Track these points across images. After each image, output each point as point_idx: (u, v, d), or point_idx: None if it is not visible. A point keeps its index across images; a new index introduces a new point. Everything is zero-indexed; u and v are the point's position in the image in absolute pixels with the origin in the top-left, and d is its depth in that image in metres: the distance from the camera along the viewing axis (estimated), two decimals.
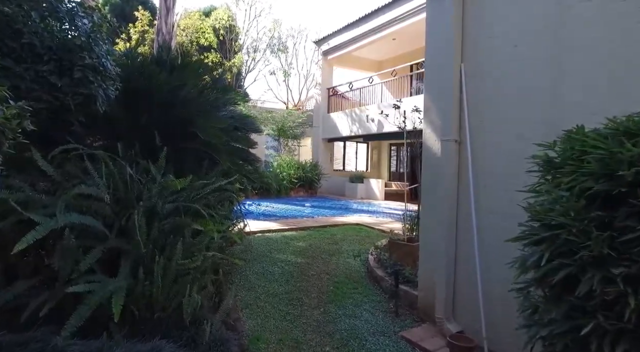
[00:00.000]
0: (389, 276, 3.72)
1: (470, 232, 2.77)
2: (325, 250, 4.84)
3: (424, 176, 3.28)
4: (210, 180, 3.63)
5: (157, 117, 4.05)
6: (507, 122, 2.59)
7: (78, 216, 2.42)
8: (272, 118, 14.01)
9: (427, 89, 3.27)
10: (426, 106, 3.24)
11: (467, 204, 2.84)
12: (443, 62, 3.03)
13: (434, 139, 3.16)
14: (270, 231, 5.73)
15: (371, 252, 4.37)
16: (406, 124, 4.04)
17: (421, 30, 12.58)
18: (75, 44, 2.57)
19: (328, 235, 5.70)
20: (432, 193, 3.17)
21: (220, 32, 15.42)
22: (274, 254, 4.52)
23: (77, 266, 2.37)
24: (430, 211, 3.20)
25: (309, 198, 12.20)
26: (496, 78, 2.69)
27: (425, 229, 3.26)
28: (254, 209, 8.61)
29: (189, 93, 4.26)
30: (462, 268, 2.90)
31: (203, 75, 4.29)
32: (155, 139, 3.76)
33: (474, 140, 2.82)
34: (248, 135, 5.00)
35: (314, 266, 4.21)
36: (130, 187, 2.91)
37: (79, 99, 2.65)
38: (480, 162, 2.78)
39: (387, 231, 6.06)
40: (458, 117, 2.94)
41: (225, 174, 4.30)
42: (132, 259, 2.67)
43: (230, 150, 4.27)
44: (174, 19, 13.03)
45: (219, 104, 4.55)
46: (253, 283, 3.65)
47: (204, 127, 3.82)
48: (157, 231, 2.84)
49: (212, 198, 3.57)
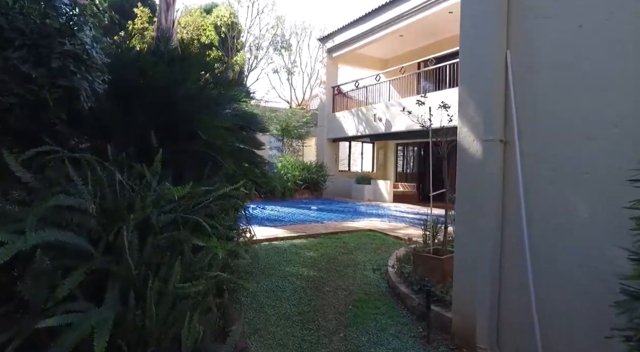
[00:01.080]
0: (415, 293, 3.29)
1: (521, 248, 2.34)
2: (339, 261, 4.41)
3: (460, 181, 2.85)
4: (214, 186, 3.22)
5: (155, 115, 3.63)
6: (570, 120, 2.16)
7: (54, 233, 2.01)
8: (276, 117, 13.59)
9: (463, 81, 2.84)
10: (462, 101, 2.81)
11: (515, 214, 2.41)
12: (483, 49, 2.60)
13: (471, 138, 2.73)
14: (278, 239, 5.31)
15: (393, 266, 3.94)
16: (432, 121, 3.61)
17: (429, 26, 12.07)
18: (53, 28, 2.16)
19: (340, 243, 5.27)
20: (470, 201, 2.74)
21: (222, 29, 15.00)
22: (284, 267, 4.10)
23: (53, 293, 1.96)
24: (468, 221, 2.77)
25: (315, 200, 11.78)
26: (553, 67, 2.26)
27: (461, 242, 2.83)
28: (258, 213, 8.19)
29: (189, 88, 3.85)
30: (509, 290, 2.47)
31: (205, 68, 3.87)
32: (152, 140, 3.36)
33: (524, 141, 2.39)
34: (254, 135, 4.59)
35: (328, 281, 3.78)
36: (120, 195, 2.49)
37: (58, 93, 2.23)
38: (532, 167, 2.35)
39: (404, 238, 5.63)
40: (503, 114, 2.51)
41: (229, 178, 3.89)
42: (121, 282, 2.26)
43: (235, 152, 3.86)
44: (174, 16, 12.62)
45: (223, 101, 4.13)
46: (262, 302, 3.23)
47: (206, 127, 3.40)
48: (151, 248, 2.43)
49: (215, 207, 3.16)
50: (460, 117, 2.83)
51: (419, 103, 3.72)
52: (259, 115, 4.74)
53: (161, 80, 3.56)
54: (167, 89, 3.60)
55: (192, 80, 3.93)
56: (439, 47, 11.24)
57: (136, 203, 2.54)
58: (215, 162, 3.62)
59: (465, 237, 2.79)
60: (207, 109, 3.74)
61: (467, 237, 2.76)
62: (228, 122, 3.54)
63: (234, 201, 3.60)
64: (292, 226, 6.49)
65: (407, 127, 11.01)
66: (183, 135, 3.56)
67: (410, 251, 4.75)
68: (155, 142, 3.37)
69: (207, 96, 3.93)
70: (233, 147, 3.91)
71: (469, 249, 2.72)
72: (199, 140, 3.36)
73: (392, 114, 11.59)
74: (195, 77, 3.93)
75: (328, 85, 14.83)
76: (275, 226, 6.43)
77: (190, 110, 3.66)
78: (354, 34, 13.28)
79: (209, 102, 3.90)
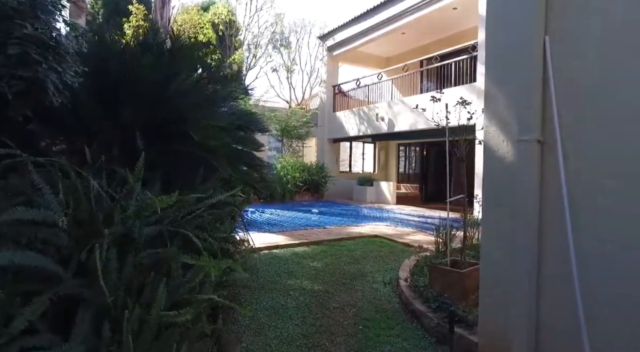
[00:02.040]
0: (433, 311, 2.95)
1: (564, 261, 2.00)
2: (345, 272, 4.06)
3: (486, 186, 2.50)
4: (207, 192, 2.87)
5: (143, 113, 3.29)
6: (630, 118, 1.82)
7: (8, 254, 1.66)
8: (275, 117, 13.24)
9: (489, 74, 2.49)
10: (489, 96, 2.47)
11: (557, 226, 2.07)
12: (516, 35, 2.26)
13: (500, 138, 2.38)
14: (278, 247, 4.96)
15: (406, 279, 3.59)
16: (449, 118, 3.27)
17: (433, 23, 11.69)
18: (10, 8, 1.81)
19: (345, 251, 4.93)
20: (499, 208, 2.40)
21: (220, 27, 14.65)
22: (285, 280, 3.75)
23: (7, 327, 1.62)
24: (497, 230, 2.42)
25: (316, 203, 11.43)
26: (605, 54, 1.92)
27: (489, 254, 2.48)
28: (257, 217, 7.84)
29: (182, 84, 3.51)
30: (550, 308, 2.13)
31: (198, 61, 3.52)
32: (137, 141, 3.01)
33: (568, 141, 2.05)
34: (253, 136, 4.24)
35: (334, 296, 3.43)
36: (96, 205, 2.14)
37: (19, 86, 1.88)
38: (578, 171, 2.00)
39: (414, 245, 5.29)
40: (540, 110, 2.16)
41: (225, 182, 3.54)
42: (94, 310, 1.91)
43: (232, 154, 3.51)
44: (170, 13, 12.28)
45: (218, 98, 3.78)
46: (261, 322, 2.88)
47: (198, 126, 3.05)
48: (132, 267, 2.08)
49: (208, 216, 2.81)
50: (487, 114, 2.49)
51: (433, 100, 3.37)
52: (258, 115, 4.40)
53: (149, 75, 3.22)
54: (156, 85, 3.26)
55: (185, 76, 3.58)
56: (443, 45, 10.90)
57: (115, 214, 2.19)
58: (210, 165, 3.28)
59: (494, 249, 2.44)
60: (201, 107, 3.40)
61: (496, 248, 2.42)
62: (223, 121, 3.20)
63: (230, 208, 3.25)
64: (293, 231, 6.13)
65: (411, 127, 10.68)
66: (174, 135, 3.22)
67: (422, 260, 4.41)
68: (142, 143, 3.03)
69: (200, 93, 3.58)
70: (229, 148, 3.57)
71: (499, 261, 2.38)
72: (192, 142, 3.01)
73: (395, 113, 11.26)
74: (188, 72, 3.58)
75: (328, 84, 14.49)
76: (275, 231, 6.08)
77: (181, 108, 3.32)
78: (355, 32, 12.94)
79: (202, 99, 3.56)
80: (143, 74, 3.18)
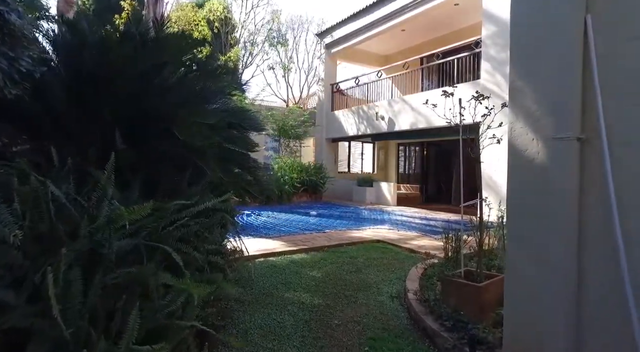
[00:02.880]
0: (447, 331, 2.63)
1: (613, 286, 1.69)
2: (348, 282, 3.74)
3: (512, 190, 2.19)
4: (194, 198, 2.54)
5: (125, 109, 2.96)
6: None
7: None
8: (272, 116, 12.90)
9: (515, 62, 2.17)
10: (515, 88, 2.15)
11: (602, 238, 1.76)
12: (550, 15, 1.95)
13: (529, 136, 2.07)
14: (275, 254, 4.63)
15: (415, 292, 3.27)
16: (463, 115, 2.96)
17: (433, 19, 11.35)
18: None
19: (346, 258, 4.60)
20: (527, 218, 2.09)
21: (215, 24, 14.29)
22: (282, 292, 3.42)
23: None
24: (525, 244, 2.11)
25: (314, 204, 11.10)
26: None
27: (516, 271, 2.17)
28: (253, 221, 7.52)
29: (166, 77, 3.18)
30: (594, 332, 1.82)
31: (185, 52, 3.19)
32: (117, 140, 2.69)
33: (615, 139, 1.74)
34: (247, 135, 3.91)
35: (336, 310, 3.11)
36: (56, 217, 1.81)
37: None
38: (629, 174, 1.69)
39: (419, 251, 4.98)
40: (580, 103, 1.85)
41: (216, 186, 3.21)
42: (51, 345, 1.59)
43: (222, 155, 3.18)
44: (164, 9, 11.90)
45: (208, 93, 3.45)
46: (256, 344, 2.55)
47: (184, 124, 2.72)
48: (99, 290, 1.75)
49: (195, 225, 2.48)
50: (512, 109, 2.17)
51: (445, 94, 3.06)
52: (253, 112, 4.08)
53: (131, 67, 2.90)
54: (138, 78, 2.94)
55: (171, 68, 3.26)
56: (444, 42, 10.59)
57: (82, 226, 1.86)
58: (198, 168, 2.95)
59: (522, 262, 2.12)
60: (188, 103, 3.07)
61: (525, 262, 2.10)
62: (212, 118, 2.86)
63: (221, 215, 2.93)
64: (290, 236, 5.80)
65: (412, 126, 10.38)
66: (158, 135, 2.89)
67: (430, 269, 4.10)
68: (121, 142, 2.71)
69: (187, 87, 3.25)
70: (220, 148, 3.24)
71: (529, 277, 2.06)
72: (176, 141, 2.68)
73: (395, 112, 10.95)
74: (175, 65, 3.26)
75: (326, 83, 14.17)
76: (272, 236, 5.74)
77: (166, 103, 2.99)
78: (354, 29, 12.63)
79: (190, 94, 3.22)
80: (123, 66, 2.85)
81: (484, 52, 8.32)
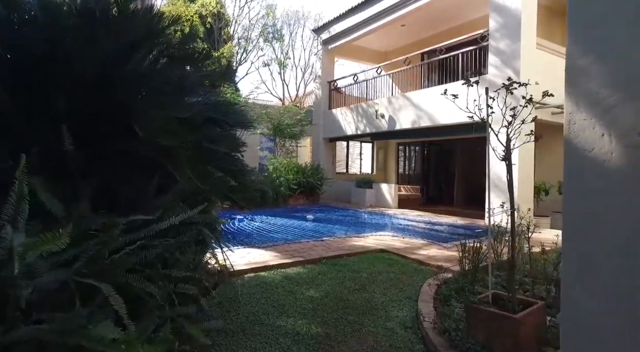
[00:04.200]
0: None
1: None
2: (351, 304, 3.22)
3: (570, 202, 1.67)
4: (157, 212, 2.01)
5: (84, 103, 2.44)
6: None
7: None
8: (267, 115, 12.36)
9: (572, 33, 1.63)
10: (573, 70, 1.62)
11: None
12: None
13: (595, 131, 1.55)
14: (267, 268, 4.10)
15: (432, 320, 2.75)
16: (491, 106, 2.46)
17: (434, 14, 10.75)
18: None
19: (348, 272, 4.08)
20: (592, 238, 1.57)
21: (208, 19, 13.73)
22: (273, 318, 2.89)
23: None
24: (589, 272, 1.59)
25: (311, 207, 10.58)
26: None
27: (575, 304, 1.64)
28: (245, 226, 6.98)
29: (136, 65, 2.66)
30: None
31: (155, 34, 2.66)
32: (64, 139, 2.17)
33: None
34: (233, 133, 3.39)
35: (338, 343, 2.59)
36: None
37: None
38: None
39: (428, 262, 4.47)
40: None
41: (194, 194, 2.68)
42: None
43: (201, 157, 2.65)
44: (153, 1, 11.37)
45: (186, 83, 2.91)
46: None
47: (148, 119, 2.19)
48: None
49: (160, 245, 1.95)
50: (570, 97, 1.65)
51: (468, 84, 2.55)
52: (240, 105, 3.56)
53: (89, 50, 2.37)
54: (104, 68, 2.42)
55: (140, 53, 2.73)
56: (446, 38, 10.10)
57: None
58: (168, 173, 2.42)
59: (581, 295, 1.60)
60: (157, 94, 2.54)
61: (587, 294, 1.57)
62: (185, 112, 2.33)
63: (198, 229, 2.40)
64: (285, 245, 5.27)
65: (413, 124, 9.88)
66: (116, 132, 2.36)
67: (443, 284, 3.60)
68: (71, 142, 2.19)
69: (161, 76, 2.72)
70: (199, 149, 2.71)
71: (593, 315, 1.55)
72: (138, 140, 2.14)
73: (396, 110, 10.45)
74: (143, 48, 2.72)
75: (324, 80, 13.63)
76: (265, 246, 5.20)
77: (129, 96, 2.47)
78: (352, 24, 12.11)
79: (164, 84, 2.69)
80: (79, 48, 2.33)
81: (491, 46, 7.83)
